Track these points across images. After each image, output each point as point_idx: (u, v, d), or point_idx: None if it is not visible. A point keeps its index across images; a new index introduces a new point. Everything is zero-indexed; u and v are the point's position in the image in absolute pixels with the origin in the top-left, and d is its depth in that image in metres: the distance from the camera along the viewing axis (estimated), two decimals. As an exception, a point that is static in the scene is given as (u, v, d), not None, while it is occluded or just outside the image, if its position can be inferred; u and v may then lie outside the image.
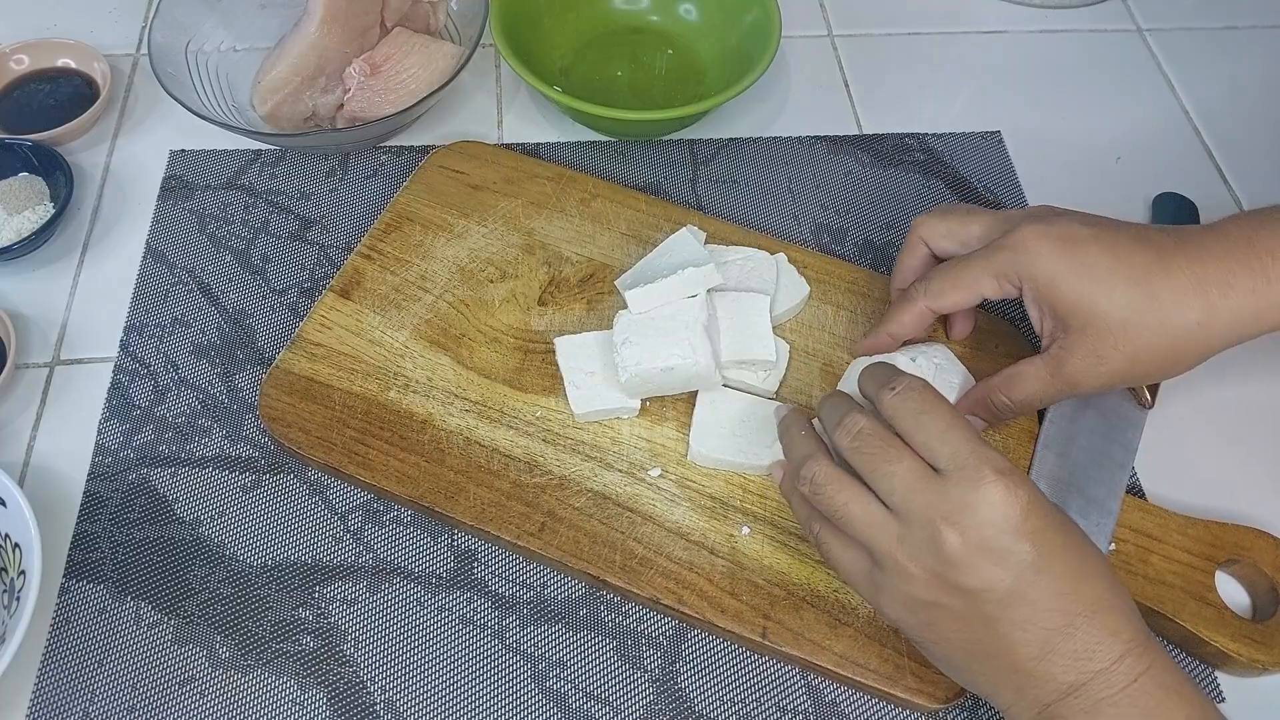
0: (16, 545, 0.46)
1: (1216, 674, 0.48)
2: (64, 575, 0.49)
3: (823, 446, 0.43)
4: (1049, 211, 0.47)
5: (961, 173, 0.67)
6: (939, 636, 0.40)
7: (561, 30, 0.71)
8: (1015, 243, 0.45)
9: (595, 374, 0.52)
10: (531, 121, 0.69)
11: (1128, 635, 0.38)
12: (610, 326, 0.52)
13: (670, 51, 0.71)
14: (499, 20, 0.65)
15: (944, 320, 0.55)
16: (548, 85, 0.63)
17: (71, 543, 0.50)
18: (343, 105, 0.65)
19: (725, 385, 0.52)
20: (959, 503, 0.38)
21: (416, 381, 0.53)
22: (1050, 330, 0.46)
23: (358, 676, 0.47)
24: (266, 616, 0.48)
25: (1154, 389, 0.55)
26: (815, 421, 0.46)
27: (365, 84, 0.64)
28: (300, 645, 0.47)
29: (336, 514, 0.51)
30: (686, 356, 0.49)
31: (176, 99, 0.59)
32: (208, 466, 0.52)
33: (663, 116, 0.63)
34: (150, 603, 0.48)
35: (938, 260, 0.52)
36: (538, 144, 0.67)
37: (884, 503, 0.40)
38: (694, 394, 0.52)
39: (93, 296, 0.59)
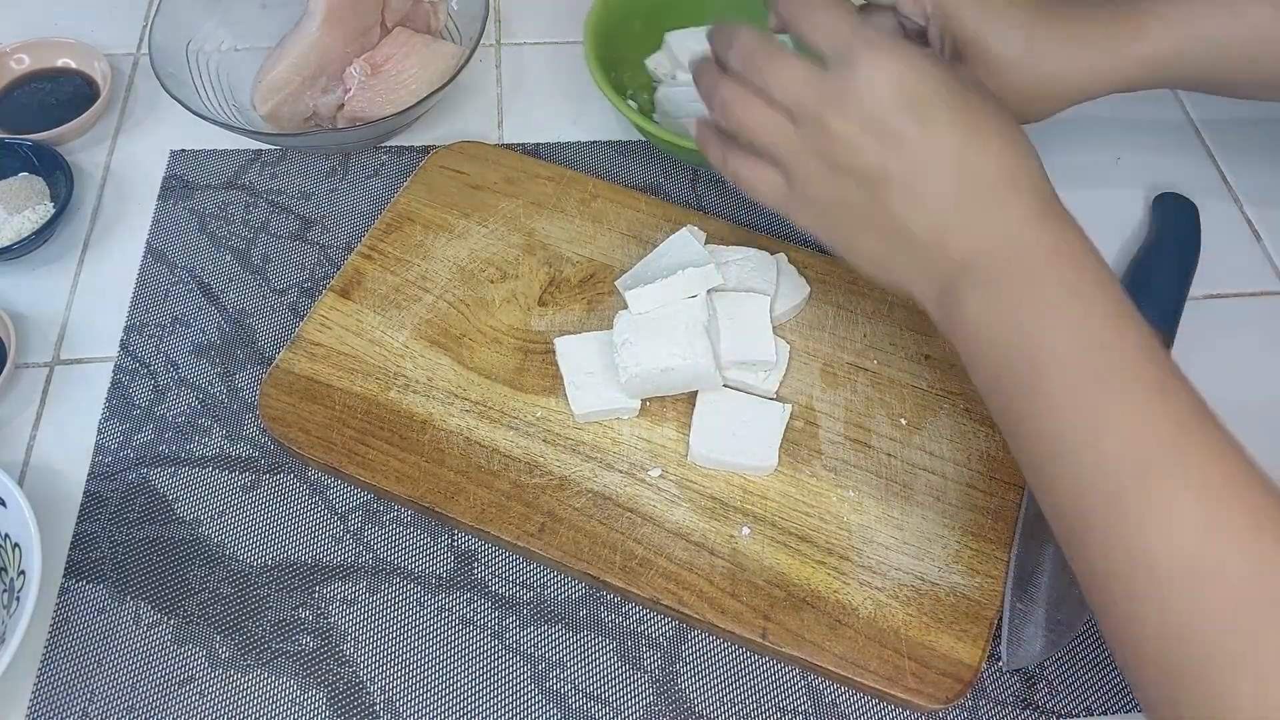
0: (16, 545, 0.46)
1: (1216, 674, 0.48)
2: (64, 575, 0.49)
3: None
4: None
5: (962, 173, 0.67)
6: (849, 234, 0.41)
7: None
8: None
9: (595, 374, 0.52)
10: (531, 121, 0.69)
11: (1026, 202, 0.38)
12: (610, 327, 0.52)
13: None
14: (593, 39, 0.63)
15: None
16: (630, 109, 0.61)
17: (71, 543, 0.50)
18: (343, 105, 0.65)
19: (725, 385, 0.52)
20: (839, 86, 0.38)
21: (416, 382, 0.53)
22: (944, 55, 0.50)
23: (358, 676, 0.47)
24: (266, 616, 0.48)
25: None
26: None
27: (366, 84, 0.64)
28: (300, 645, 0.47)
29: (336, 514, 0.51)
30: (687, 357, 0.50)
31: (177, 99, 0.59)
32: (208, 466, 0.52)
33: None
34: (150, 603, 0.48)
35: None
36: (538, 144, 0.67)
37: (785, 108, 0.40)
38: (694, 394, 0.52)
39: (93, 296, 0.59)
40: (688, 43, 0.65)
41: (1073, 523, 0.36)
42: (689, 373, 0.50)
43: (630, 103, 0.62)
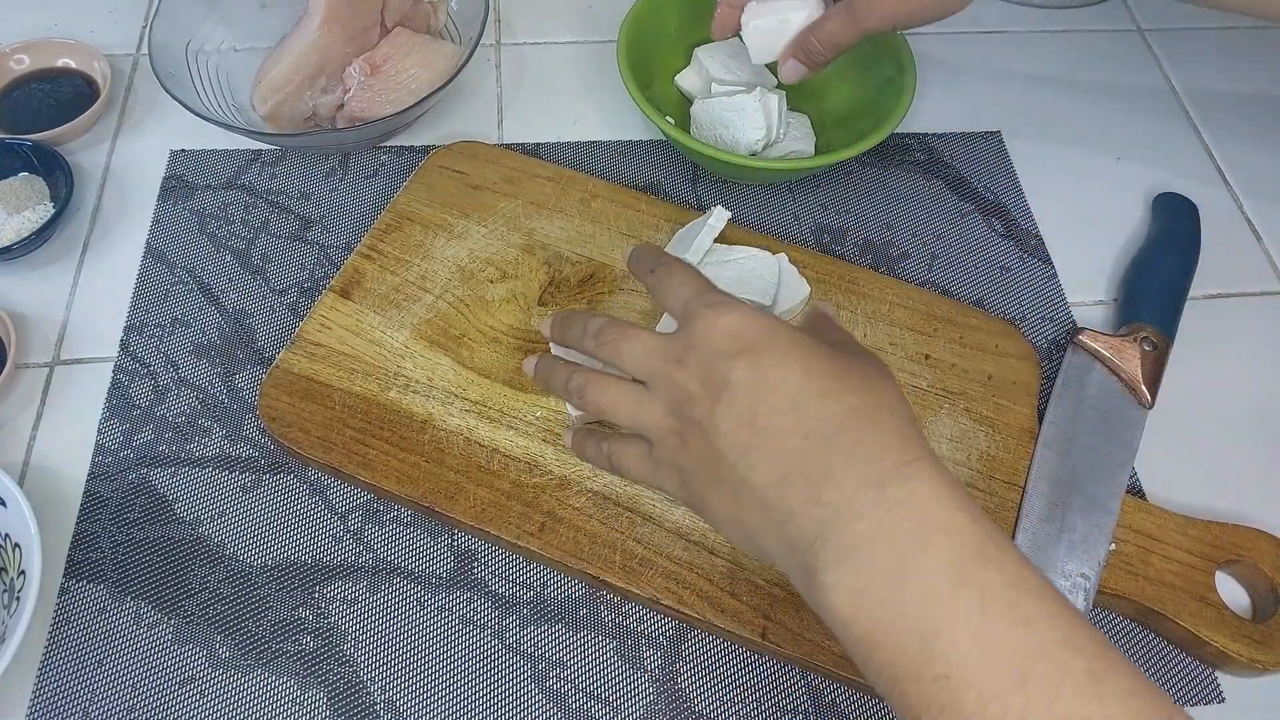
0: (16, 545, 0.46)
1: (1216, 674, 0.48)
2: (64, 575, 0.49)
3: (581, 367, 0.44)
4: None
5: (961, 173, 0.67)
6: (705, 494, 0.38)
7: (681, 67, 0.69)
8: None
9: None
10: (531, 122, 0.69)
11: (872, 457, 0.34)
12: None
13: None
14: (626, 52, 0.63)
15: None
16: (661, 116, 0.61)
17: (71, 542, 0.50)
18: (343, 105, 0.65)
19: None
20: (682, 345, 0.38)
21: (416, 381, 0.53)
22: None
23: (358, 676, 0.47)
24: (266, 616, 0.48)
25: (1154, 389, 0.55)
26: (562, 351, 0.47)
27: (365, 84, 0.64)
28: (300, 645, 0.47)
29: (336, 514, 0.51)
30: None
31: (177, 99, 0.59)
32: (208, 466, 0.52)
33: (795, 166, 0.60)
34: (150, 602, 0.48)
35: None
36: (538, 144, 0.67)
37: (638, 378, 0.41)
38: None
39: (93, 296, 0.59)
40: (719, 56, 0.65)
41: None
42: None
43: (668, 119, 0.62)
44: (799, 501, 0.34)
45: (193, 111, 0.59)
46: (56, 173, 0.62)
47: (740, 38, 0.60)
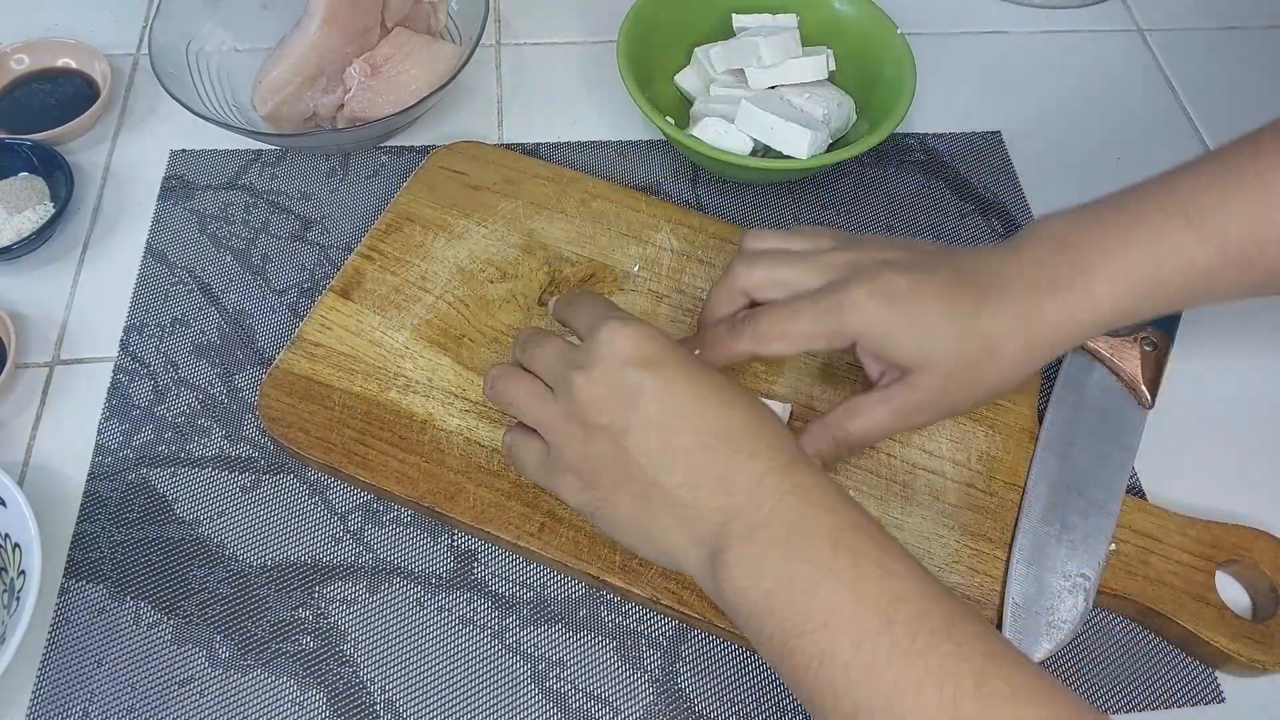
0: (16, 545, 0.46)
1: (1216, 674, 0.48)
2: (64, 575, 0.49)
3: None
4: (873, 263, 0.46)
5: (961, 173, 0.67)
6: (608, 495, 0.41)
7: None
8: (845, 303, 0.45)
9: None
10: (531, 122, 0.69)
11: (768, 455, 0.39)
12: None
13: None
14: (626, 52, 0.63)
15: None
16: (661, 116, 0.61)
17: (71, 543, 0.50)
18: (343, 105, 0.65)
19: None
20: (586, 354, 0.42)
21: (416, 382, 0.53)
22: (886, 372, 0.48)
23: (358, 676, 0.47)
24: (266, 616, 0.48)
25: (1154, 389, 0.55)
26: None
27: (365, 84, 0.64)
28: (300, 645, 0.47)
29: (336, 514, 0.51)
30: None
31: (177, 99, 0.59)
32: (207, 466, 0.52)
33: (795, 166, 0.60)
34: (150, 602, 0.48)
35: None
36: (538, 144, 0.67)
37: (546, 381, 0.44)
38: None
39: (93, 296, 0.59)
40: (715, 56, 0.65)
41: None
42: None
43: (668, 119, 0.61)
44: (709, 496, 0.39)
45: (193, 112, 0.59)
46: (56, 173, 0.62)
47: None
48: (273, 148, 0.66)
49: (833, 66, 0.65)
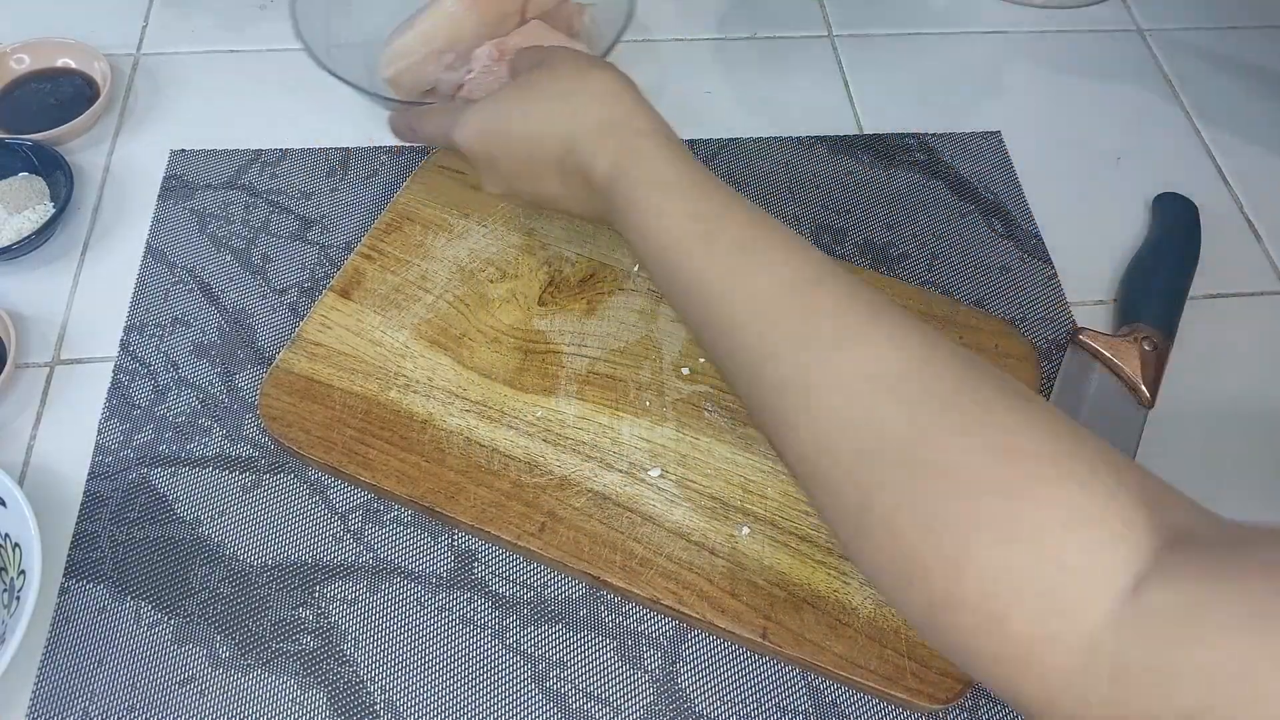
0: (16, 545, 0.46)
1: (1216, 674, 0.48)
2: (64, 575, 0.49)
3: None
4: None
5: (961, 173, 0.67)
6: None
7: None
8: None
9: None
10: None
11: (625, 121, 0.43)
12: (610, 326, 0.52)
13: None
14: None
15: None
16: None
17: (71, 542, 0.50)
18: (463, 85, 0.63)
19: None
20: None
21: (417, 381, 0.53)
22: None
23: (358, 676, 0.47)
24: (266, 616, 0.48)
25: (1154, 389, 0.55)
26: None
27: (490, 68, 0.62)
28: (300, 645, 0.47)
29: (336, 514, 0.51)
30: None
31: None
32: (208, 466, 0.52)
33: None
34: (150, 602, 0.48)
35: None
36: (538, 144, 0.67)
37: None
38: (695, 393, 0.52)
39: (93, 296, 0.59)
40: None
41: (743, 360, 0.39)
42: None
43: None
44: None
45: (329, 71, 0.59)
46: (56, 173, 0.62)
47: None
48: (273, 148, 0.66)
49: None
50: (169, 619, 0.48)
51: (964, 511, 0.31)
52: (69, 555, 0.50)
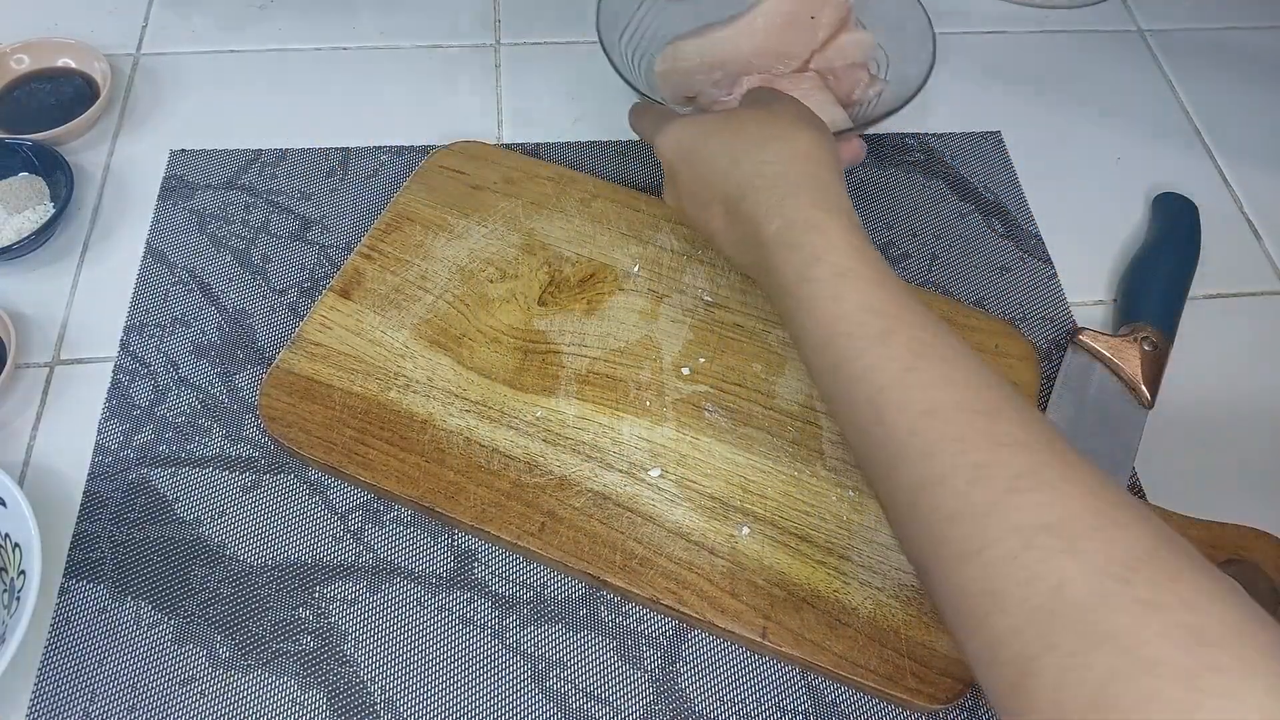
0: (16, 545, 0.46)
1: (1216, 674, 0.48)
2: (64, 575, 0.49)
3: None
4: None
5: (961, 173, 0.67)
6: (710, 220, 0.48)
7: None
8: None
9: None
10: (531, 122, 0.69)
11: (808, 198, 0.43)
12: (610, 326, 0.52)
13: None
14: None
15: None
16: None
17: (71, 543, 0.50)
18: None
19: None
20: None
21: (416, 381, 0.53)
22: None
23: (358, 676, 0.47)
24: (266, 616, 0.48)
25: (1154, 389, 0.55)
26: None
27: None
28: (300, 645, 0.47)
29: (336, 514, 0.51)
30: None
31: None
32: (208, 466, 0.52)
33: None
34: (150, 602, 0.48)
35: None
36: (538, 144, 0.67)
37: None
38: (695, 394, 0.52)
39: (93, 296, 0.59)
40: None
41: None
42: None
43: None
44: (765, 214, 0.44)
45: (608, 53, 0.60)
46: (56, 173, 0.62)
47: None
48: (272, 148, 0.66)
49: None
50: (169, 619, 0.48)
51: (1139, 692, 0.29)
52: (69, 555, 0.50)
